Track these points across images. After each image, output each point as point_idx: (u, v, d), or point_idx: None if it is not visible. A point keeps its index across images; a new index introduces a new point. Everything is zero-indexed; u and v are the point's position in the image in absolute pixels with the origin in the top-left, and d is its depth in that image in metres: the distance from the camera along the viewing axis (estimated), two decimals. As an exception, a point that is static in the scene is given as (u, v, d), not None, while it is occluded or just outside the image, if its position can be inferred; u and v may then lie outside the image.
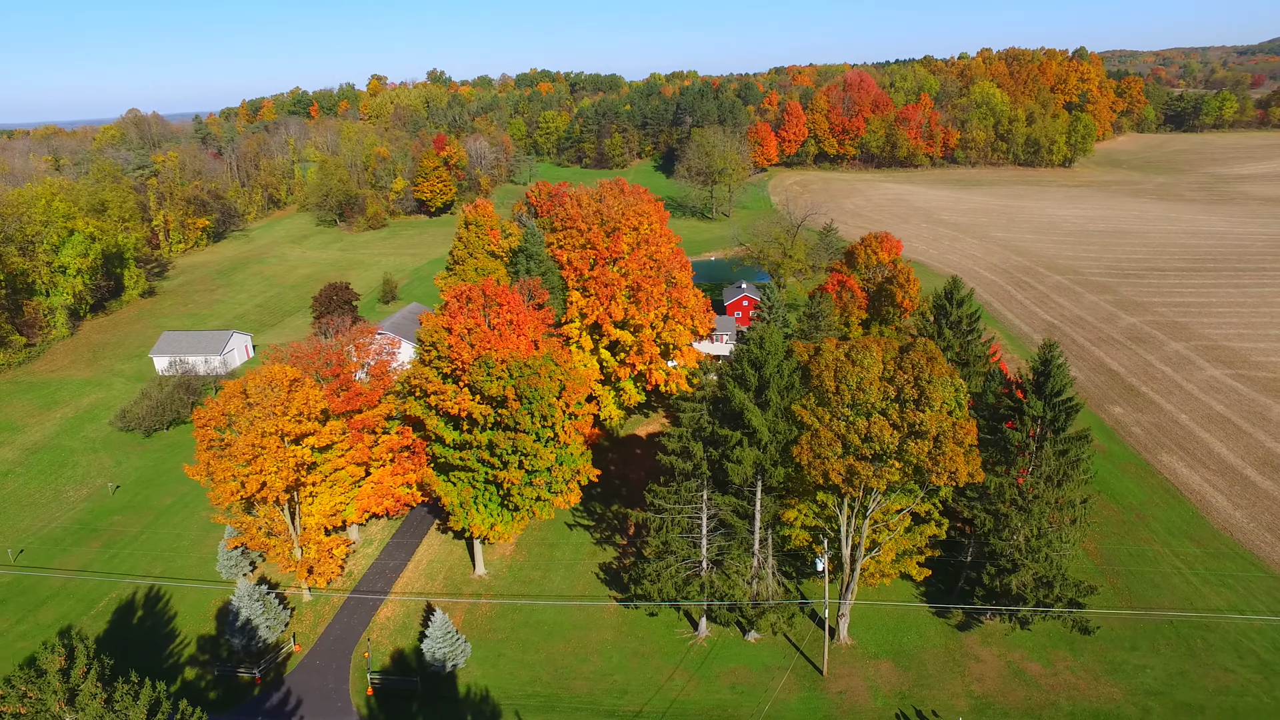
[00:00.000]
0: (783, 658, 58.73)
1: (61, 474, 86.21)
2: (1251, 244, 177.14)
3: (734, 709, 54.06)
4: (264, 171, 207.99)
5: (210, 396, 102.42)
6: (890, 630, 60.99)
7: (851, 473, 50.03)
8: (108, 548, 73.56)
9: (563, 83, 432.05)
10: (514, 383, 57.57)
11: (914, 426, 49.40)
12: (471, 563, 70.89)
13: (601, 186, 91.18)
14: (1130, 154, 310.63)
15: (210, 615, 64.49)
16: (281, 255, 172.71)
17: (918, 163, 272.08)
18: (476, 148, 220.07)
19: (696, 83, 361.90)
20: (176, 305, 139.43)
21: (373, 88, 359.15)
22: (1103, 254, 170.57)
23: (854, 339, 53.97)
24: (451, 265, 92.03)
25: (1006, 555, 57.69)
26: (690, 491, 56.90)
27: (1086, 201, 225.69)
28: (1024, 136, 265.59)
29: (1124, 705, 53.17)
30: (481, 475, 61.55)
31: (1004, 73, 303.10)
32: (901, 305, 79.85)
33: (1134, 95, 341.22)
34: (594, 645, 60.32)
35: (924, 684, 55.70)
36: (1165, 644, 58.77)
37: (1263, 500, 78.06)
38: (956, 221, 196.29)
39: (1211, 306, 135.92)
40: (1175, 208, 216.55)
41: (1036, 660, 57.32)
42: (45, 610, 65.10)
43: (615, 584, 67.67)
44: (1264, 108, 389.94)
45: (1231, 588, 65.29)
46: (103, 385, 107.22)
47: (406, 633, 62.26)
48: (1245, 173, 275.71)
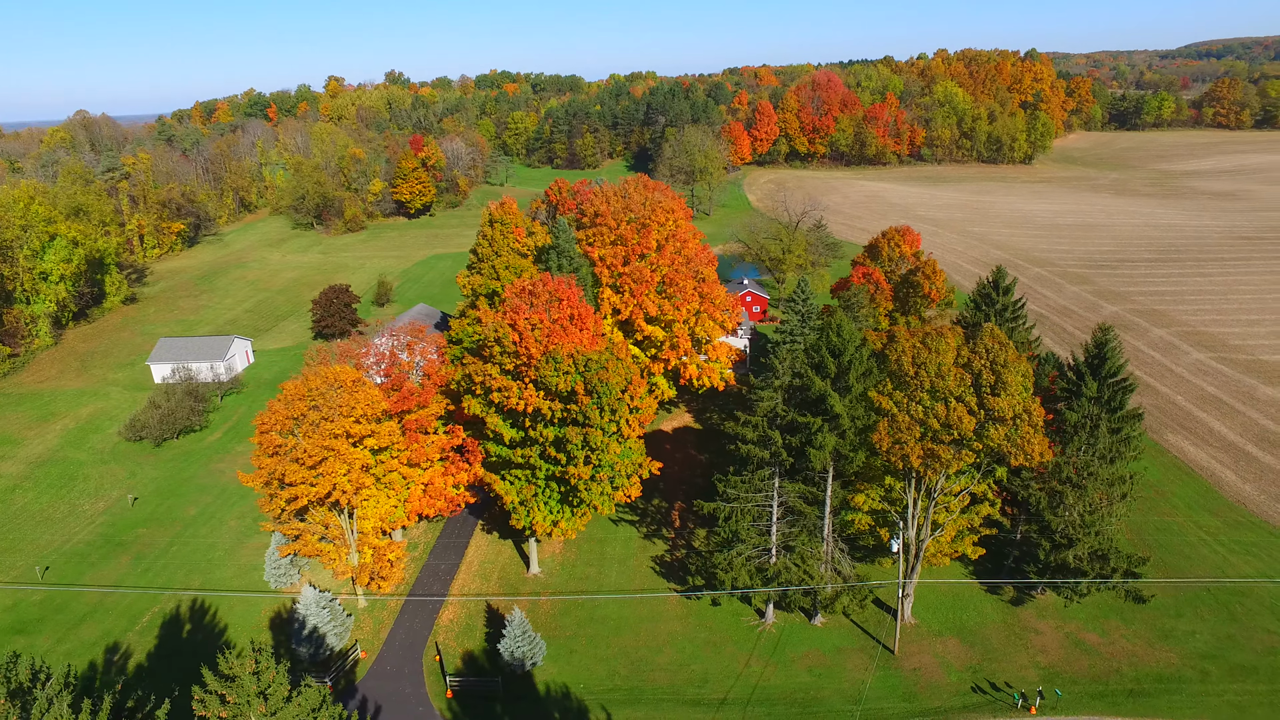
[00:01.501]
0: (850, 639, 59.96)
1: (73, 487, 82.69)
2: (1208, 236, 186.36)
3: (816, 690, 55.03)
4: (234, 174, 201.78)
5: (217, 402, 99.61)
6: (949, 609, 62.75)
7: (931, 456, 51.51)
8: (138, 561, 70.95)
9: (524, 83, 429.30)
10: (583, 377, 57.56)
11: (992, 411, 51.12)
12: (524, 562, 70.50)
13: (626, 183, 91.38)
14: (1083, 151, 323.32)
15: (263, 625, 62.80)
16: (262, 259, 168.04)
17: (886, 160, 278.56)
18: (453, 149, 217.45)
19: (663, 83, 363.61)
20: (161, 312, 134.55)
21: (332, 89, 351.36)
22: (1075, 246, 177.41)
23: (929, 327, 55.46)
24: (475, 264, 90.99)
25: (1061, 531, 59.96)
26: (763, 480, 57.71)
27: (1051, 197, 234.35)
28: (986, 134, 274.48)
29: (1182, 669, 55.78)
30: (544, 472, 61.30)
31: (963, 73, 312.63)
32: (929, 296, 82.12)
33: (1082, 95, 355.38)
34: (664, 637, 60.65)
35: (992, 658, 57.53)
36: (1207, 610, 61.78)
37: (1268, 474, 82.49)
38: (933, 217, 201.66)
39: (1184, 295, 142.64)
40: (1134, 202, 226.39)
41: (1093, 631, 59.69)
42: (86, 627, 62.53)
43: (672, 576, 68.07)
44: (1197, 108, 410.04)
45: (1256, 555, 68.95)
46: (99, 395, 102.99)
47: (472, 634, 61.64)
48: (1189, 169, 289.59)
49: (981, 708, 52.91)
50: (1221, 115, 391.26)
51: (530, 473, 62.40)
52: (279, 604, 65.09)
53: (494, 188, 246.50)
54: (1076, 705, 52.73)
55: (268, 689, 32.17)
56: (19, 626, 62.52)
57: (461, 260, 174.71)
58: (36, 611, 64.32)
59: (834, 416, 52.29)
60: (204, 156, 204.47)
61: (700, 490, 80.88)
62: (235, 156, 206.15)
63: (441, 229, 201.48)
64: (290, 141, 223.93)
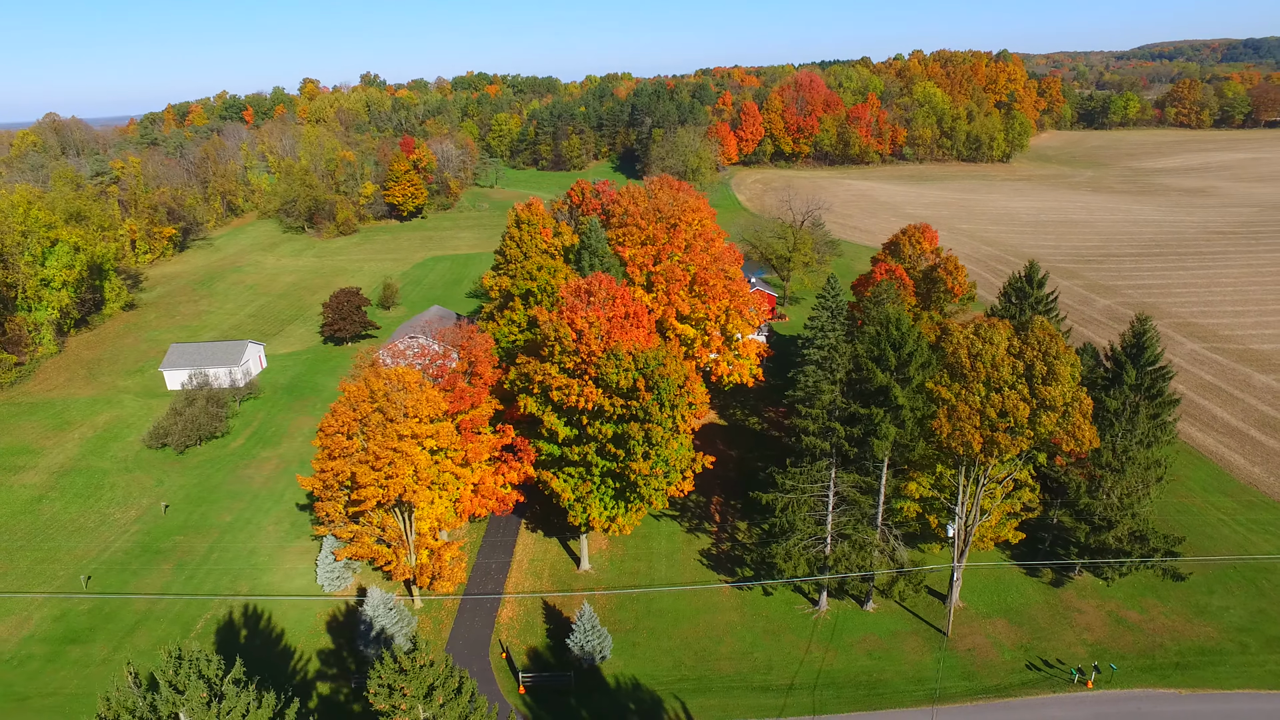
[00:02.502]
0: (903, 623, 61.81)
1: (100, 496, 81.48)
2: (1185, 231, 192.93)
3: (878, 673, 56.72)
4: (221, 178, 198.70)
5: (235, 408, 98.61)
6: (993, 591, 64.93)
7: (990, 443, 53.47)
8: (181, 568, 70.32)
9: (504, 85, 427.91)
10: (643, 373, 58.58)
11: (1044, 400, 53.21)
12: (573, 559, 71.28)
13: (651, 183, 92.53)
14: (1056, 150, 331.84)
15: (320, 628, 62.81)
16: (257, 264, 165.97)
17: (869, 159, 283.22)
18: (443, 150, 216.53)
19: (646, 85, 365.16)
20: (162, 318, 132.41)
21: (309, 91, 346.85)
22: (1061, 242, 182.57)
23: (978, 319, 57.41)
24: (502, 264, 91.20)
25: (1100, 514, 62.46)
26: (819, 471, 59.26)
27: (1032, 194, 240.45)
28: (966, 134, 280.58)
29: (1222, 642, 58.50)
30: (599, 469, 62.18)
31: (940, 74, 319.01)
32: (952, 291, 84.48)
33: (1053, 95, 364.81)
34: (723, 627, 61.90)
35: (1040, 637, 59.75)
36: (1236, 587, 64.75)
37: (1274, 457, 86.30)
38: (922, 215, 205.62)
39: (1170, 288, 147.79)
40: (1111, 199, 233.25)
41: (1132, 609, 62.24)
42: (139, 635, 61.96)
43: (720, 569, 69.38)
44: (1160, 108, 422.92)
45: (1272, 533, 72.31)
46: (113, 403, 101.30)
47: (534, 631, 62.32)
48: (1158, 166, 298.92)
49: (1039, 684, 55.02)
50: (1183, 115, 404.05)
51: (585, 470, 63.26)
52: (333, 607, 65.12)
53: (483, 189, 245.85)
54: (1128, 679, 55.10)
55: (435, 684, 32.75)
56: (71, 636, 61.76)
57: (460, 262, 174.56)
58: (86, 620, 63.54)
59: (897, 407, 53.98)
60: (189, 160, 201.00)
61: (734, 485, 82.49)
62: (220, 160, 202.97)
63: (435, 231, 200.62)
64: (275, 144, 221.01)
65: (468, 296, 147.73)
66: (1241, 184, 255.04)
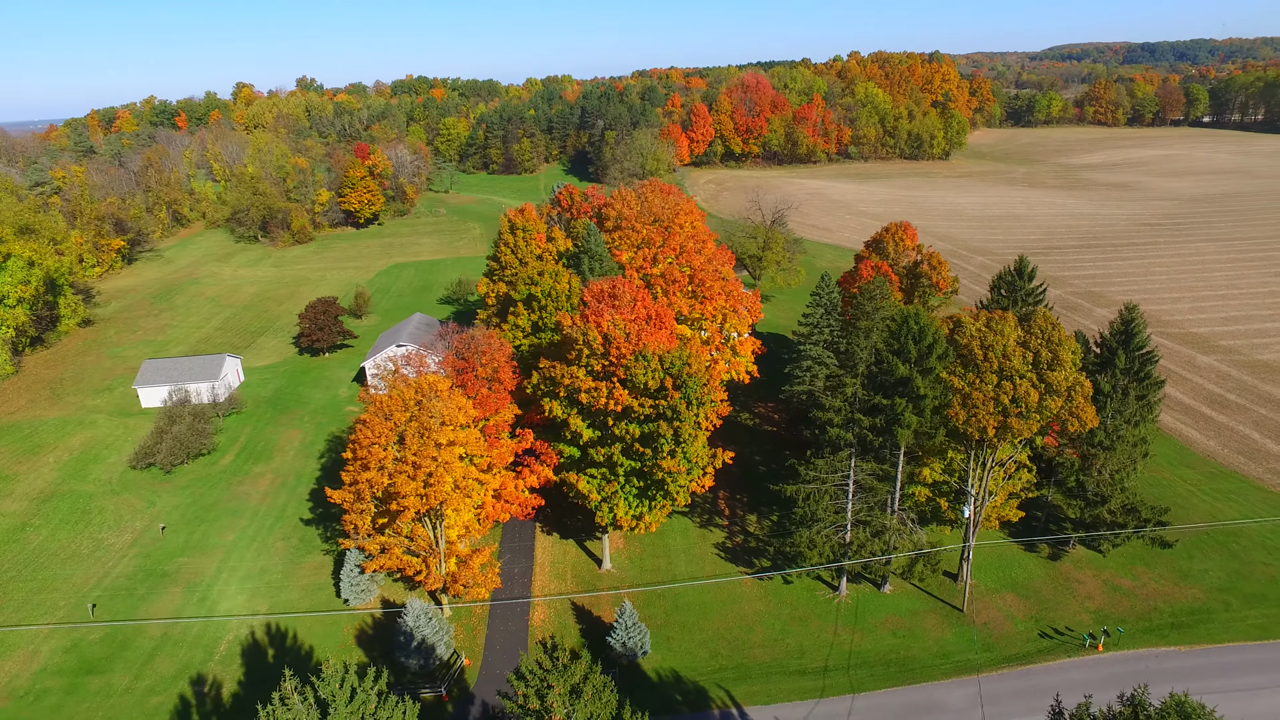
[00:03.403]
0: (920, 603, 64.96)
1: (89, 521, 78.36)
2: (1116, 223, 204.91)
3: (904, 650, 59.61)
4: (165, 186, 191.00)
5: (219, 424, 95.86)
6: (998, 568, 68.73)
7: (1004, 427, 56.92)
8: (191, 590, 68.46)
9: (450, 89, 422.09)
10: (670, 373, 60.08)
11: (1050, 385, 56.95)
12: (593, 560, 72.24)
13: (643, 187, 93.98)
14: (989, 147, 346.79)
15: (350, 642, 62.23)
16: (214, 275, 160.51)
17: (816, 159, 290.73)
18: (398, 156, 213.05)
19: (594, 86, 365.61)
20: (123, 333, 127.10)
21: (245, 96, 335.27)
22: (1007, 236, 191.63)
23: (995, 313, 60.78)
24: (497, 270, 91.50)
25: (1094, 490, 66.92)
26: (841, 461, 61.85)
27: (974, 190, 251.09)
28: (908, 132, 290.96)
29: (1208, 602, 63.49)
30: (624, 468, 63.38)
31: (879, 74, 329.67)
32: (936, 285, 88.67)
33: (984, 94, 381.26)
34: (751, 617, 63.90)
35: (1047, 608, 63.67)
36: (1212, 551, 70.19)
37: (1224, 432, 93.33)
38: (875, 212, 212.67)
39: (1111, 278, 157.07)
40: (1047, 194, 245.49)
41: (1126, 577, 66.87)
42: (160, 662, 60.23)
43: (738, 560, 71.41)
44: (1080, 106, 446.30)
45: (1236, 501, 78.48)
46: (85, 424, 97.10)
47: (567, 632, 63.13)
48: (1084, 162, 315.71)
49: (1055, 650, 58.78)
50: (1100, 114, 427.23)
51: (609, 470, 64.35)
52: (359, 620, 64.54)
53: (438, 195, 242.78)
54: (1132, 640, 59.37)
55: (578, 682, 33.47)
56: (87, 666, 59.61)
57: (425, 269, 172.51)
58: (99, 650, 61.36)
59: (919, 397, 56.87)
60: (128, 169, 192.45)
61: (736, 480, 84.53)
62: (164, 168, 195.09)
63: (394, 238, 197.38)
64: (219, 151, 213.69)
65: (440, 303, 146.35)
66: (1159, 179, 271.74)
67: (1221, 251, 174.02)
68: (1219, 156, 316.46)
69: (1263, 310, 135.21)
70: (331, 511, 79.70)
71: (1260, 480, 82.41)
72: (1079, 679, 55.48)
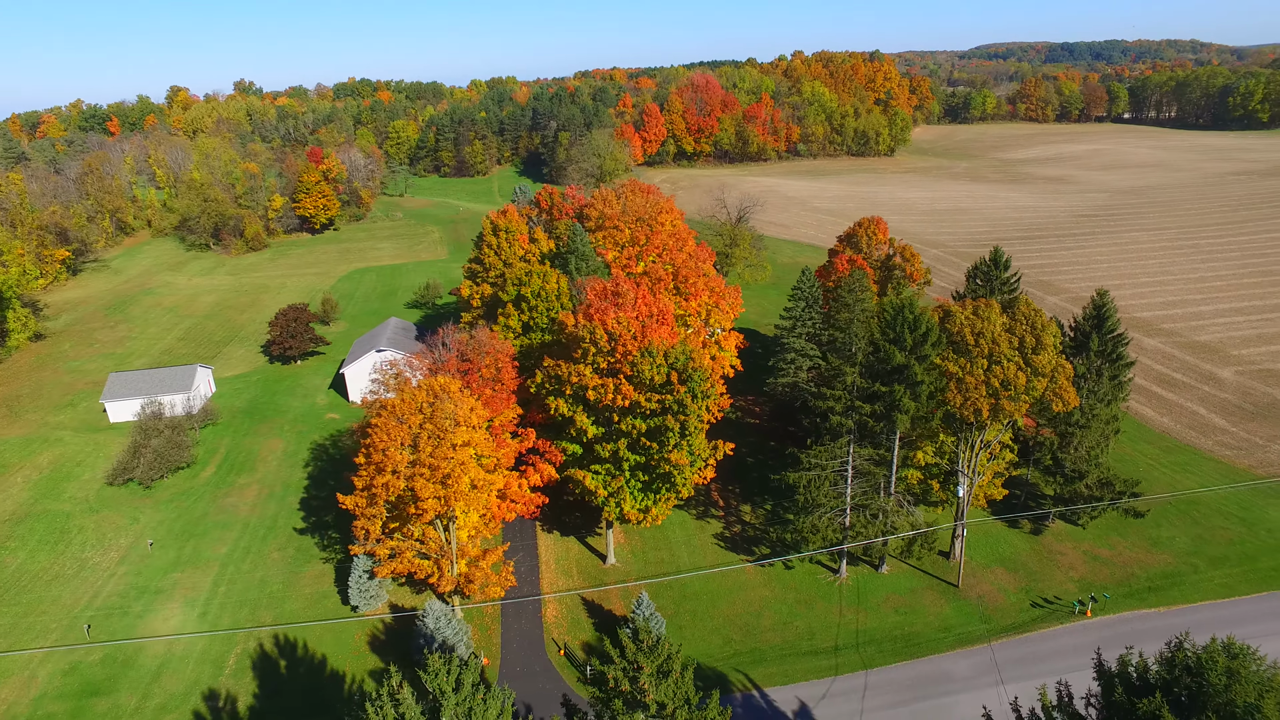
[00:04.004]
0: (917, 581, 67.91)
1: (69, 540, 75.66)
2: (1057, 215, 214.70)
3: (909, 626, 62.34)
4: (108, 194, 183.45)
5: (195, 436, 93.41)
6: (985, 544, 72.22)
7: (997, 409, 60.13)
8: (190, 606, 66.91)
9: (398, 92, 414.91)
10: (675, 368, 61.55)
11: (1035, 368, 60.43)
12: (596, 555, 73.17)
13: (623, 188, 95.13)
14: (930, 143, 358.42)
15: (363, 649, 61.86)
16: (168, 285, 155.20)
17: (767, 156, 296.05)
18: (351, 159, 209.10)
19: (543, 87, 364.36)
20: (79, 347, 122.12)
21: (182, 100, 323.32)
22: (956, 229, 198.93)
23: (980, 301, 63.90)
24: (480, 273, 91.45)
25: (1071, 466, 70.96)
26: (840, 448, 64.25)
27: (920, 185, 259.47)
28: (854, 130, 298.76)
29: (1179, 566, 68.08)
30: (629, 463, 64.56)
31: (824, 73, 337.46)
32: (911, 277, 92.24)
33: (923, 92, 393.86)
34: (759, 603, 65.84)
35: (1035, 579, 67.34)
36: (1176, 518, 75.13)
37: (1175, 409, 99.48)
38: (829, 208, 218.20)
39: (1058, 267, 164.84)
40: (990, 188, 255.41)
41: (1103, 547, 71.10)
42: (168, 680, 58.85)
43: (738, 549, 73.33)
44: (1012, 103, 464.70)
45: (1191, 472, 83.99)
46: (50, 441, 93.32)
47: (581, 626, 63.99)
48: (1020, 157, 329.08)
49: (1048, 618, 62.30)
50: (1031, 110, 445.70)
51: (614, 465, 65.43)
52: (369, 627, 64.17)
53: (393, 199, 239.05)
54: (1116, 605, 63.33)
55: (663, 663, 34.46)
56: (90, 688, 57.85)
57: (387, 273, 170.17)
58: (101, 671, 59.60)
59: (916, 383, 59.58)
60: (66, 176, 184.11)
61: (727, 472, 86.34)
62: (106, 174, 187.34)
63: (351, 243, 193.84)
64: (162, 157, 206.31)
65: (407, 307, 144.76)
66: (1091, 172, 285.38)
67: (1153, 240, 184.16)
68: (1141, 151, 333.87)
69: (1195, 295, 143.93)
70: (326, 520, 78.88)
71: (1211, 452, 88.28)
72: (1073, 644, 59.01)
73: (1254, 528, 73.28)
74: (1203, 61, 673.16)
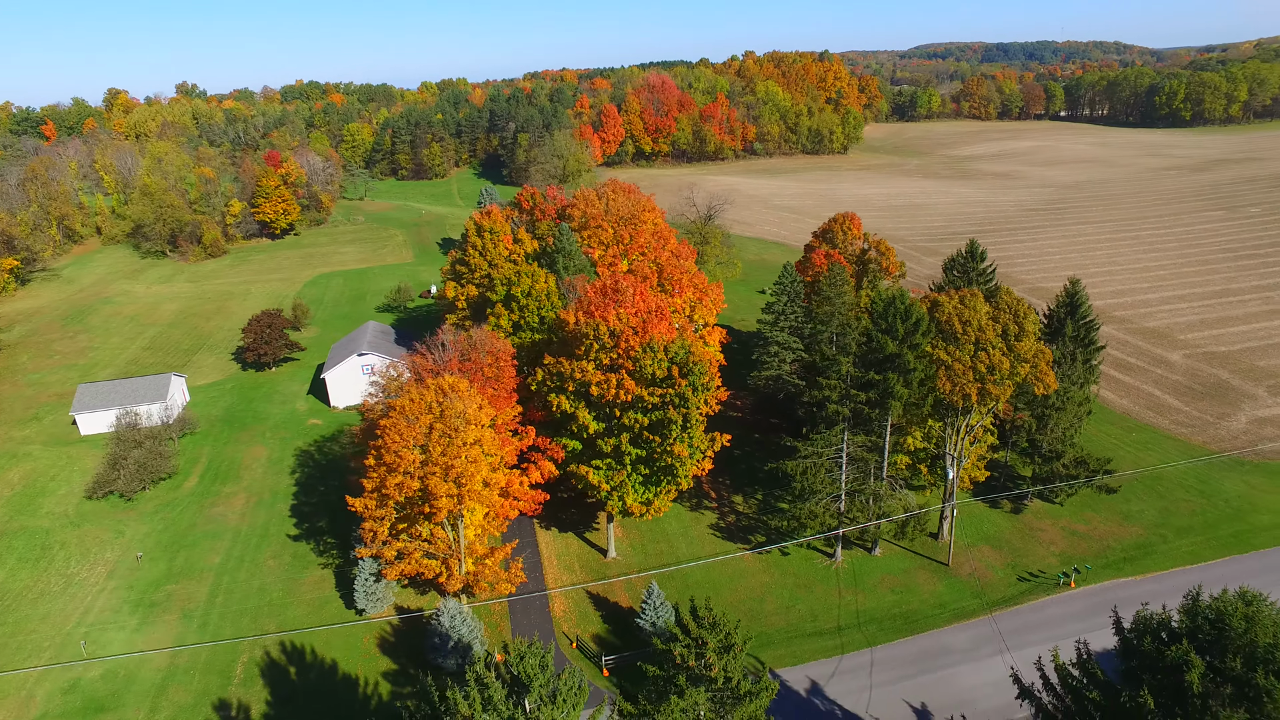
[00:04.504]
0: (909, 561, 70.67)
1: (52, 557, 73.46)
2: (1007, 209, 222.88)
3: (906, 605, 64.95)
4: (54, 200, 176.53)
5: (174, 446, 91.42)
6: (969, 524, 75.41)
7: (983, 394, 63.11)
8: (188, 618, 65.78)
9: (346, 94, 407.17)
10: (675, 362, 63.02)
11: (1018, 354, 63.63)
12: (596, 549, 74.20)
13: (604, 188, 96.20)
14: (880, 141, 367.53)
15: (372, 652, 61.77)
16: (126, 293, 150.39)
17: (724, 156, 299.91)
18: (310, 163, 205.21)
19: (499, 89, 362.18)
20: (38, 359, 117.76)
21: (122, 103, 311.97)
22: (914, 224, 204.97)
23: (964, 291, 66.83)
24: (466, 274, 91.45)
25: (1048, 447, 74.69)
26: (835, 436, 66.56)
27: (875, 182, 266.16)
28: (808, 128, 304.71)
29: (1149, 537, 72.24)
30: (631, 457, 65.82)
31: (776, 73, 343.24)
32: (887, 270, 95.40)
33: (872, 91, 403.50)
34: (760, 588, 67.73)
35: (1020, 555, 70.71)
36: (1143, 492, 79.57)
37: (1132, 391, 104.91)
38: (790, 205, 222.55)
39: (1013, 259, 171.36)
40: (941, 184, 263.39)
41: (1079, 522, 74.94)
42: (174, 692, 57.90)
43: (734, 538, 75.16)
44: (956, 102, 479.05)
45: (1152, 449, 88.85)
46: (19, 456, 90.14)
47: (589, 619, 64.97)
48: (967, 154, 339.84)
49: (1035, 591, 65.57)
50: (975, 108, 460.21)
51: (615, 459, 66.59)
52: (377, 629, 64.06)
53: (352, 202, 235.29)
54: (1096, 576, 66.98)
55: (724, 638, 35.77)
56: (95, 705, 56.59)
57: (354, 278, 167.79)
58: (103, 686, 58.30)
59: (908, 371, 62.16)
60: (9, 182, 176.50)
61: (718, 464, 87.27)
62: (51, 179, 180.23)
63: (314, 248, 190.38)
64: (110, 162, 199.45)
65: (379, 311, 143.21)
66: (1036, 168, 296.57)
67: (1099, 232, 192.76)
68: (1081, 147, 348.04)
69: (1142, 284, 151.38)
70: (320, 525, 78.21)
71: (1169, 431, 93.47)
72: (1060, 613, 62.37)
73: (1212, 499, 78.07)
74: (1127, 62, 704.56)
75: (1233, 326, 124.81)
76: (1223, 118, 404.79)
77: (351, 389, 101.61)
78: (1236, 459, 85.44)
